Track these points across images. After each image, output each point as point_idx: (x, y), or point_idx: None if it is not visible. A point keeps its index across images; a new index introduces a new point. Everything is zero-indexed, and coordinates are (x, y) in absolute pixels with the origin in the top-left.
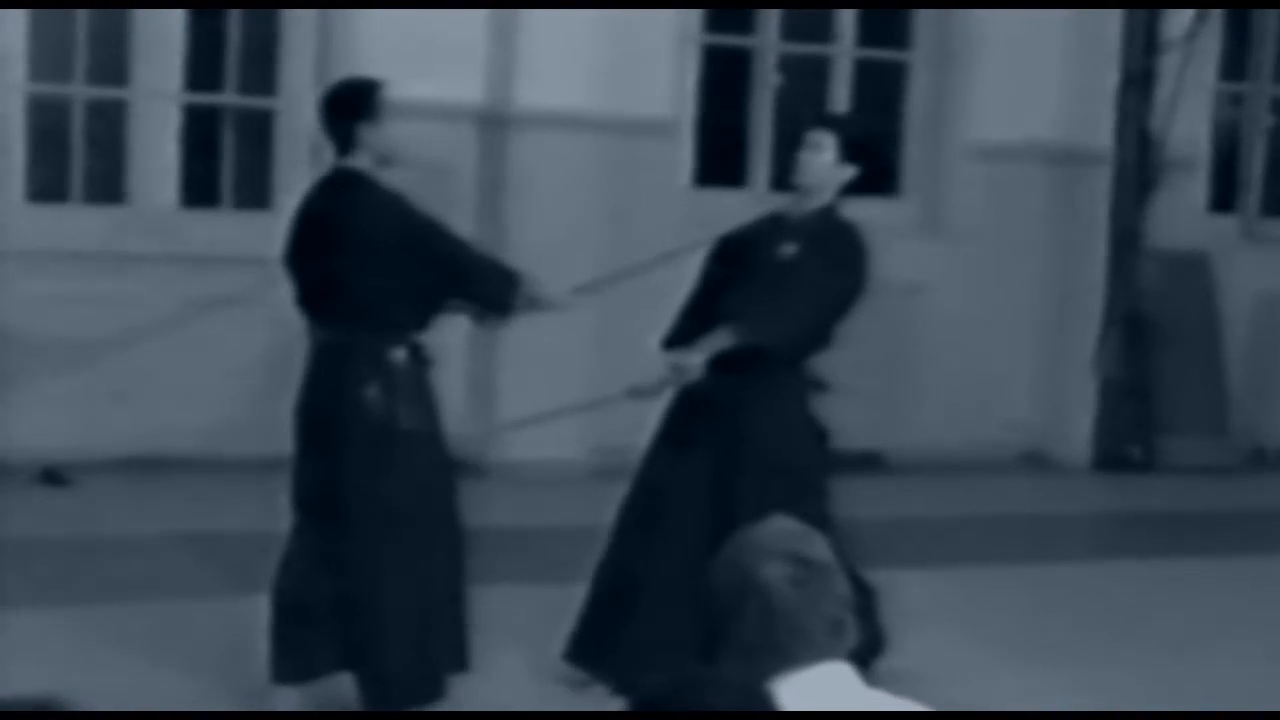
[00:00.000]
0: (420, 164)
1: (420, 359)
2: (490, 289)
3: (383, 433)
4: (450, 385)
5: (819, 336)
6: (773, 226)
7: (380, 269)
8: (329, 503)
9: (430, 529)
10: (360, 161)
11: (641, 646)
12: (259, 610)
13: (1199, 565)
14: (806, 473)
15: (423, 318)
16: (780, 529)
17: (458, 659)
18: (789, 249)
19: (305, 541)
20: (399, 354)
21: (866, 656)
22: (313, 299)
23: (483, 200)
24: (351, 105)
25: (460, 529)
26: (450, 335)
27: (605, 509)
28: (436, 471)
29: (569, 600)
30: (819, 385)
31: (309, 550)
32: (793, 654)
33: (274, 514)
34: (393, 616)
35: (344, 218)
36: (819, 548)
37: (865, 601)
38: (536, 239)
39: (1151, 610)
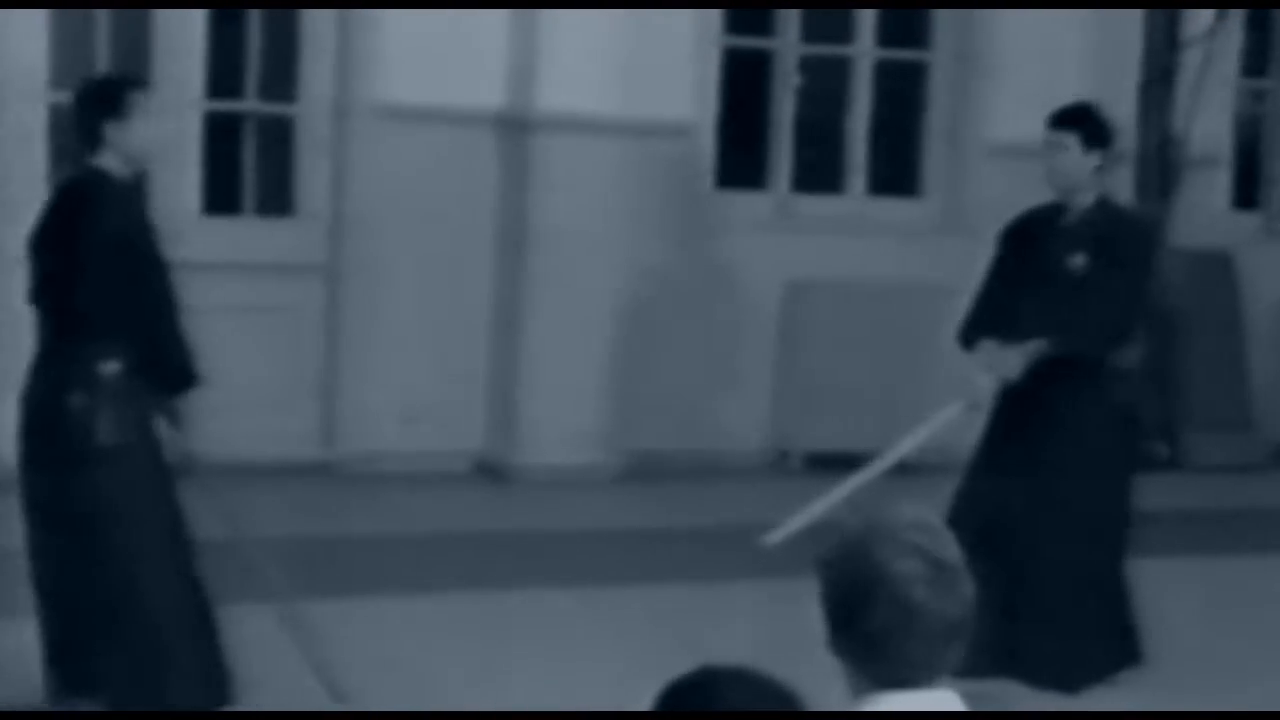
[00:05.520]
0: (442, 168)
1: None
2: (164, 358)
3: (82, 445)
4: (474, 395)
5: (1124, 333)
6: (1054, 228)
7: (96, 276)
8: (42, 514)
9: (133, 549)
10: (107, 162)
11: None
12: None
13: (1225, 563)
14: (1118, 469)
15: (141, 337)
16: (912, 520)
17: (215, 690)
18: (1078, 260)
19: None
20: (111, 366)
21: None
22: (37, 300)
23: (504, 204)
24: (99, 103)
25: (186, 549)
26: (470, 351)
27: (631, 512)
28: (142, 490)
29: (594, 605)
30: (1128, 373)
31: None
32: (908, 656)
33: (295, 519)
34: (105, 640)
35: (73, 219)
36: (951, 547)
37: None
38: (558, 243)
39: (1177, 609)
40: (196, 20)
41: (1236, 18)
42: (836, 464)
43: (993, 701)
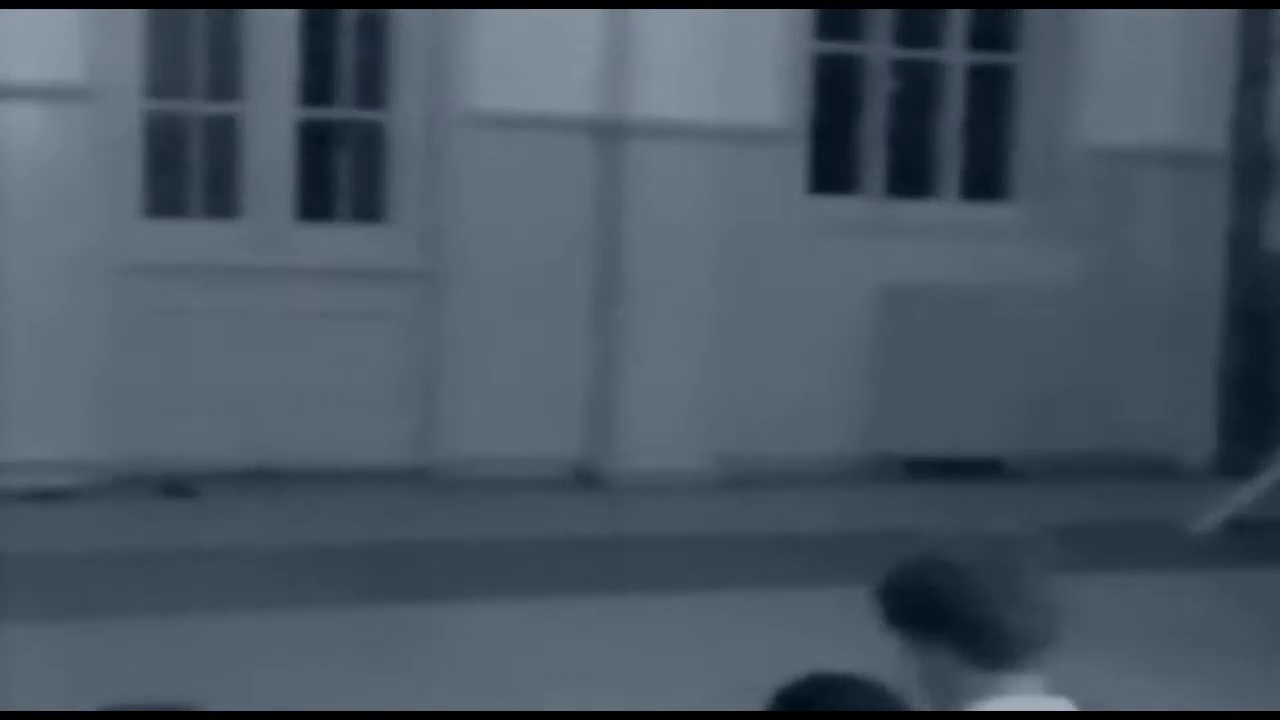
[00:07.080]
0: (536, 175)
1: None
2: None
3: None
4: (570, 401)
5: None
6: None
7: None
8: None
9: None
10: None
11: None
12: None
13: None
14: None
15: None
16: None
17: None
18: None
19: None
20: None
21: None
22: None
23: (599, 210)
24: None
25: None
26: (570, 364)
27: (729, 518)
28: None
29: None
30: None
31: None
32: (1023, 628)
33: (392, 524)
34: None
35: None
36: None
37: None
38: (653, 249)
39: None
40: (289, 28)
41: None
42: (935, 469)
43: None
